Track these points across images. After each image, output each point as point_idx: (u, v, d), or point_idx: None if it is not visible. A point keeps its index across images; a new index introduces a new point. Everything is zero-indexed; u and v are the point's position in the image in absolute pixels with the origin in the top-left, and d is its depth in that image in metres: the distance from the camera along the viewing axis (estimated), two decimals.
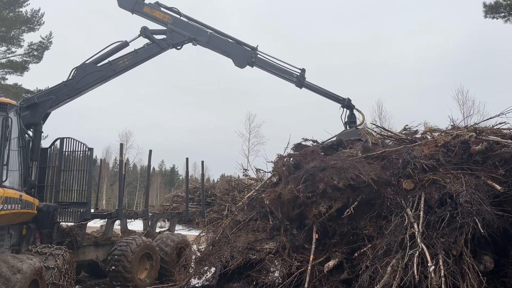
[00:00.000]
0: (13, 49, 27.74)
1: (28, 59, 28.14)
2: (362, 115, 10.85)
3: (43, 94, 9.60)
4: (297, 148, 9.72)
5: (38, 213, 8.31)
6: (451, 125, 8.29)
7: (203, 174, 14.25)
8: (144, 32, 10.32)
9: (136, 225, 14.00)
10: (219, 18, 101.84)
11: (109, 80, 10.10)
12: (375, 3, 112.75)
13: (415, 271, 5.39)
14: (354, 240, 6.78)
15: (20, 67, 27.88)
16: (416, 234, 5.80)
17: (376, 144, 9.01)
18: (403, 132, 9.33)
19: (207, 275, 7.49)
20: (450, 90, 47.70)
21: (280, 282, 6.68)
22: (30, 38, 38.05)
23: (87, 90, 9.90)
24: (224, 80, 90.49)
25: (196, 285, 7.69)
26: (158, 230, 12.17)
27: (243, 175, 24.34)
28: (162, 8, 10.61)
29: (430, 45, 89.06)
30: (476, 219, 5.56)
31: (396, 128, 11.07)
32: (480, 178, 6.33)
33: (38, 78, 51.50)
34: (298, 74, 10.77)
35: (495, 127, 7.58)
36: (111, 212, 10.47)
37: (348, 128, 10.65)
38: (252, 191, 10.35)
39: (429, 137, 8.19)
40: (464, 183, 6.16)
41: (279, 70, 10.81)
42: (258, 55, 10.70)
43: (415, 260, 5.51)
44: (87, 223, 9.77)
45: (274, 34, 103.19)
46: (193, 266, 8.51)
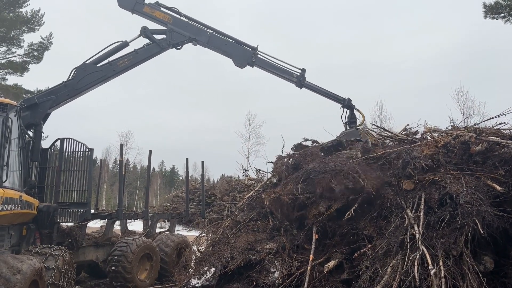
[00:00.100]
0: (13, 49, 27.81)
1: (28, 59, 28.16)
2: (362, 115, 10.84)
3: (43, 95, 9.60)
4: (297, 148, 9.72)
5: (38, 213, 8.31)
6: (451, 125, 8.29)
7: (203, 175, 14.26)
8: (144, 32, 10.31)
9: (136, 225, 14.03)
10: (219, 18, 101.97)
11: (109, 80, 10.10)
12: (375, 3, 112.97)
13: (416, 273, 5.39)
14: (354, 241, 6.77)
15: (20, 68, 27.89)
16: (417, 237, 5.80)
17: (376, 144, 9.00)
18: (403, 132, 9.32)
19: (207, 276, 7.48)
20: (450, 91, 47.83)
21: (280, 282, 6.67)
22: (30, 38, 38.23)
23: (87, 90, 9.90)
24: (224, 80, 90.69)
25: (196, 285, 7.68)
26: (158, 231, 12.18)
27: (243, 175, 24.31)
28: (162, 8, 10.60)
29: (430, 45, 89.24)
30: (476, 220, 5.56)
31: (396, 128, 11.04)
32: (480, 178, 6.33)
33: (38, 79, 51.54)
34: (298, 74, 10.74)
35: (495, 128, 7.58)
36: (111, 213, 10.48)
37: (348, 128, 10.64)
38: (252, 192, 10.34)
39: (429, 137, 8.18)
40: (464, 183, 6.16)
41: (279, 70, 10.79)
42: (258, 55, 10.68)
43: (416, 263, 5.51)
44: (87, 224, 9.78)
45: (274, 34, 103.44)
46: (193, 266, 8.50)
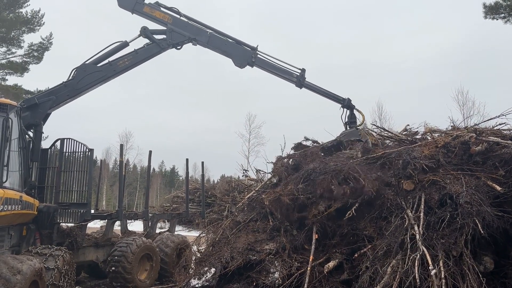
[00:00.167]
0: (13, 50, 27.84)
1: (28, 60, 28.18)
2: (362, 115, 10.84)
3: (43, 95, 9.60)
4: (297, 148, 9.72)
5: (38, 214, 8.31)
6: (451, 126, 8.30)
7: (203, 175, 14.26)
8: (144, 32, 10.31)
9: (136, 226, 14.02)
10: (219, 18, 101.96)
11: (109, 80, 10.10)
12: (375, 3, 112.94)
13: (416, 273, 5.38)
14: (354, 241, 6.77)
15: (20, 68, 27.90)
16: (417, 237, 5.80)
17: (376, 144, 9.00)
18: (403, 133, 9.33)
19: (207, 276, 7.48)
20: (450, 91, 47.76)
21: (280, 283, 6.67)
22: (30, 39, 38.21)
23: (87, 90, 9.90)
24: (224, 81, 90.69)
25: (196, 285, 7.67)
26: (158, 231, 12.18)
27: (243, 176, 24.28)
28: (162, 8, 10.60)
29: (430, 45, 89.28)
30: (476, 220, 5.55)
31: (396, 129, 11.04)
32: (480, 179, 6.33)
33: (38, 79, 51.47)
34: (298, 74, 10.74)
35: (495, 128, 7.58)
36: (111, 213, 10.47)
37: (348, 128, 10.64)
38: (252, 192, 10.35)
39: (429, 137, 8.19)
40: (464, 184, 6.16)
41: (279, 70, 10.79)
42: (258, 55, 10.68)
43: (416, 263, 5.51)
44: (87, 224, 9.77)
45: (274, 34, 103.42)
46: (193, 267, 8.51)
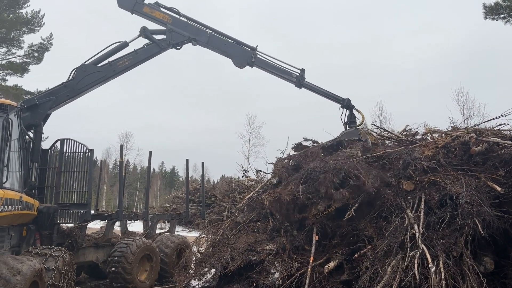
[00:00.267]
0: (13, 50, 27.85)
1: (28, 60, 28.20)
2: (361, 115, 10.84)
3: (43, 95, 9.61)
4: (297, 148, 9.70)
5: (38, 214, 8.31)
6: (451, 126, 8.29)
7: (203, 175, 14.27)
8: (144, 32, 10.31)
9: (136, 226, 14.02)
10: (219, 19, 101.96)
11: (109, 80, 10.10)
12: (375, 3, 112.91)
13: (416, 272, 5.38)
14: (354, 241, 6.77)
15: (20, 69, 27.91)
16: (417, 236, 5.80)
17: (376, 144, 9.00)
18: (404, 133, 9.33)
19: (207, 277, 7.48)
20: (450, 91, 47.72)
21: (280, 283, 6.66)
22: (30, 39, 38.03)
23: (87, 90, 9.90)
24: (224, 81, 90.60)
25: (196, 286, 7.67)
26: (158, 232, 12.18)
27: (243, 176, 24.26)
28: (162, 8, 10.59)
29: (430, 45, 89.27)
30: (476, 220, 5.55)
31: (396, 129, 11.03)
32: (480, 179, 6.32)
33: (38, 79, 51.59)
34: (298, 74, 10.74)
35: (495, 128, 7.58)
36: (111, 214, 10.47)
37: (348, 128, 10.64)
38: (252, 193, 10.35)
39: (429, 138, 8.19)
40: (464, 184, 6.15)
41: (279, 70, 10.79)
42: (258, 55, 10.67)
43: (416, 261, 5.51)
44: (87, 225, 9.77)
45: (274, 34, 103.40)
46: (193, 267, 8.50)
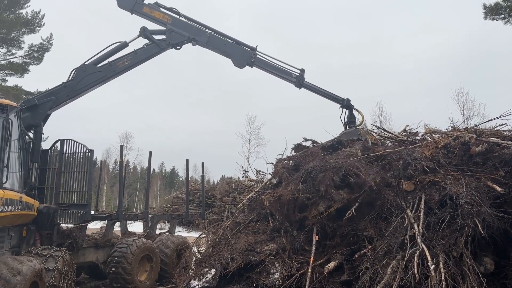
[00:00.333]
0: (13, 50, 27.82)
1: (29, 60, 28.18)
2: (361, 115, 10.81)
3: (43, 96, 9.60)
4: (296, 149, 9.70)
5: (38, 214, 8.31)
6: (452, 126, 8.29)
7: (203, 176, 14.27)
8: (144, 33, 10.30)
9: (136, 226, 14.00)
10: (219, 19, 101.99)
11: (109, 80, 10.10)
12: (375, 3, 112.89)
13: (415, 270, 5.38)
14: (354, 242, 6.76)
15: (20, 69, 27.90)
16: (416, 234, 5.80)
17: (376, 144, 9.00)
18: (403, 133, 9.33)
19: (207, 277, 7.47)
20: (450, 92, 47.69)
21: (280, 284, 6.66)
22: (30, 40, 38.08)
23: (87, 91, 9.90)
24: (224, 81, 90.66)
25: (196, 286, 7.66)
26: (158, 232, 12.18)
27: (243, 176, 24.28)
28: (162, 9, 10.58)
29: (431, 45, 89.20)
30: (476, 221, 5.55)
31: (396, 130, 11.03)
32: (480, 179, 6.32)
33: (39, 80, 51.61)
34: (298, 74, 10.73)
35: (495, 129, 7.57)
36: (111, 214, 10.47)
37: (348, 128, 10.63)
38: (252, 193, 10.35)
39: (429, 138, 8.19)
40: (464, 184, 6.15)
41: (279, 70, 10.77)
42: (258, 55, 10.66)
43: (415, 260, 5.51)
44: (87, 225, 9.77)
45: (274, 34, 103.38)
46: (193, 267, 8.49)
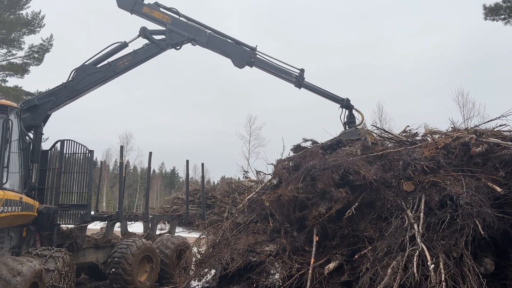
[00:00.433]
0: (13, 51, 27.78)
1: (29, 61, 28.16)
2: (361, 115, 10.78)
3: (43, 96, 9.60)
4: (296, 150, 9.70)
5: (38, 215, 8.30)
6: (452, 127, 8.30)
7: (203, 176, 14.27)
8: (143, 33, 10.29)
9: (136, 227, 13.98)
10: (218, 19, 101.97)
11: (109, 81, 10.09)
12: (375, 4, 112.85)
13: (415, 270, 5.38)
14: (354, 242, 6.77)
15: (20, 70, 27.89)
16: (416, 235, 5.80)
17: (376, 143, 8.99)
18: (403, 134, 9.32)
19: (207, 278, 7.47)
20: (450, 92, 47.82)
21: (280, 284, 6.67)
22: (30, 40, 38.05)
23: (87, 91, 9.89)
24: (224, 81, 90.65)
25: (196, 287, 7.66)
26: (158, 232, 12.17)
27: (243, 177, 24.31)
28: (161, 9, 10.57)
29: (431, 45, 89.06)
30: (477, 221, 5.55)
31: (396, 130, 11.03)
32: (480, 180, 6.33)
33: (39, 80, 51.59)
34: (297, 74, 10.72)
35: (495, 129, 7.58)
36: (111, 214, 10.46)
37: (348, 128, 10.62)
38: (252, 193, 10.35)
39: (429, 139, 8.19)
40: (464, 185, 6.16)
41: (278, 70, 10.76)
42: (257, 55, 10.65)
43: (415, 260, 5.51)
44: (87, 225, 9.76)
45: (273, 34, 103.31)
46: (193, 268, 8.50)
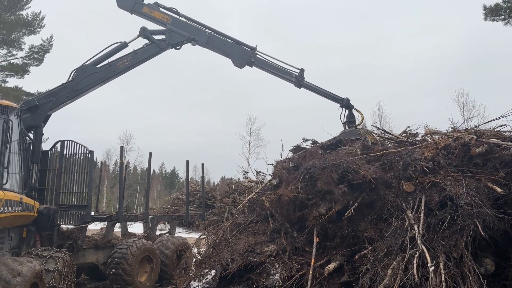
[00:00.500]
0: (13, 52, 27.75)
1: (29, 62, 28.15)
2: (361, 114, 10.79)
3: (43, 96, 9.60)
4: (295, 150, 9.71)
5: (38, 215, 8.29)
6: (452, 127, 8.31)
7: (203, 177, 14.26)
8: (143, 33, 10.29)
9: (136, 227, 13.98)
10: (218, 19, 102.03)
11: (109, 81, 10.08)
12: (375, 3, 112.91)
13: (415, 271, 5.39)
14: (354, 243, 6.77)
15: (20, 70, 27.88)
16: (416, 236, 5.80)
17: (376, 143, 9.00)
18: (404, 134, 9.33)
19: (207, 278, 7.48)
20: (450, 92, 47.82)
21: (280, 285, 6.67)
22: (30, 41, 38.05)
23: (87, 91, 9.89)
24: (224, 81, 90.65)
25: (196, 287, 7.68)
26: (158, 233, 12.16)
27: (243, 177, 24.31)
28: (161, 9, 10.57)
29: (431, 45, 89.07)
30: (477, 222, 5.56)
31: (396, 130, 11.02)
32: (480, 180, 6.33)
33: (39, 81, 51.63)
34: (297, 74, 10.73)
35: (495, 130, 7.58)
36: (111, 215, 10.46)
37: (348, 127, 10.62)
38: (252, 194, 10.36)
39: (429, 139, 8.19)
40: (464, 185, 6.16)
41: (278, 70, 10.76)
42: (257, 55, 10.65)
43: (415, 261, 5.51)
44: (87, 226, 9.75)
45: (273, 34, 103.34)
46: (193, 269, 8.51)
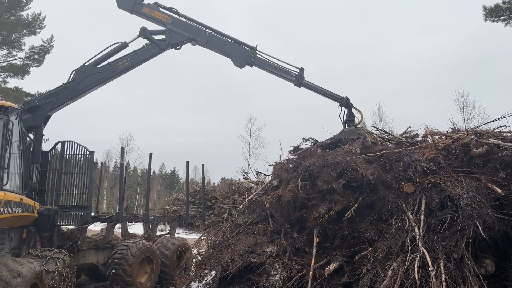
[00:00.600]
0: (14, 52, 27.76)
1: (29, 62, 28.17)
2: (360, 114, 10.77)
3: (43, 97, 9.60)
4: (295, 151, 9.70)
5: (38, 216, 8.30)
6: (452, 128, 8.30)
7: (203, 177, 14.27)
8: (143, 33, 10.29)
9: (136, 228, 13.99)
10: (218, 19, 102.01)
11: (109, 81, 10.09)
12: (375, 4, 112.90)
13: (416, 275, 5.38)
14: (354, 243, 6.77)
15: (21, 71, 27.89)
16: (417, 238, 5.79)
17: (375, 143, 8.99)
18: (404, 135, 9.32)
19: (207, 279, 7.48)
20: (450, 93, 47.78)
21: (280, 285, 6.67)
22: (31, 41, 38.05)
23: (87, 92, 9.90)
24: (224, 82, 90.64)
25: None
26: (158, 234, 12.16)
27: (243, 178, 24.28)
28: (161, 9, 10.57)
29: (431, 45, 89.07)
30: (477, 222, 5.55)
31: (396, 131, 11.01)
32: (481, 181, 6.32)
33: (39, 81, 51.39)
34: (297, 73, 10.73)
35: (495, 130, 7.58)
36: (111, 216, 10.46)
37: (347, 127, 10.61)
38: (252, 194, 10.34)
39: (429, 140, 8.19)
40: (465, 186, 6.16)
41: (278, 69, 10.76)
42: (257, 55, 10.65)
43: (416, 264, 5.51)
44: (87, 227, 9.75)
45: (273, 34, 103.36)
46: (193, 269, 8.51)
